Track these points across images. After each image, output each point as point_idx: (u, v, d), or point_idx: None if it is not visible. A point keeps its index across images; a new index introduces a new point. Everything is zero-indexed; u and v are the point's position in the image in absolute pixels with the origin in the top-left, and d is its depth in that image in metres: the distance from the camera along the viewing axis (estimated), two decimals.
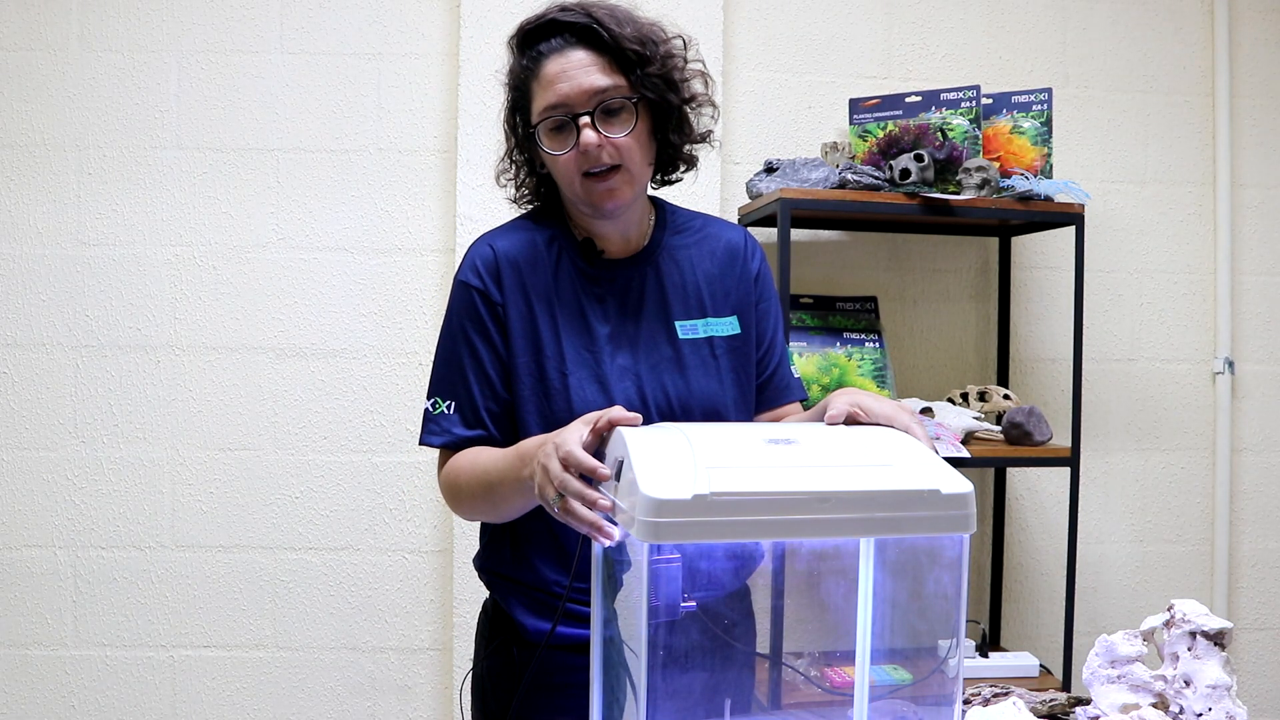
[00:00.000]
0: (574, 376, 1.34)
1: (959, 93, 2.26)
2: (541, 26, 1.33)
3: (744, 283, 1.45)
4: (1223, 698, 1.12)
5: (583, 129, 1.29)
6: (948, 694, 1.06)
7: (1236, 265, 2.61)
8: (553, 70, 1.30)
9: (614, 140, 1.30)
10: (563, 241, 1.40)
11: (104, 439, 2.33)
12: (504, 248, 1.38)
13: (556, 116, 1.30)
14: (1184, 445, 2.61)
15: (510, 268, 1.36)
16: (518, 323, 1.36)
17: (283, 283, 2.35)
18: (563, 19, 1.31)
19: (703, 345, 1.40)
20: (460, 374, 1.37)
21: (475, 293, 1.37)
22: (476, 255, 1.39)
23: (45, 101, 2.32)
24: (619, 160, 1.31)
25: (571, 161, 1.31)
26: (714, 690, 1.25)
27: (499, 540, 1.42)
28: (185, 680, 2.34)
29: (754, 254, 1.47)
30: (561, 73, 1.30)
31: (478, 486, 1.32)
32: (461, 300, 1.38)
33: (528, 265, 1.37)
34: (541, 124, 1.32)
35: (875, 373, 2.28)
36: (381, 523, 2.36)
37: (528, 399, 1.35)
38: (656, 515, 0.90)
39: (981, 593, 2.52)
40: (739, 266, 1.45)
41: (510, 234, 1.41)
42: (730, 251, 1.45)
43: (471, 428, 1.36)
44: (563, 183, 1.35)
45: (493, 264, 1.37)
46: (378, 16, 2.36)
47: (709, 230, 1.47)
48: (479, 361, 1.36)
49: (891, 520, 0.96)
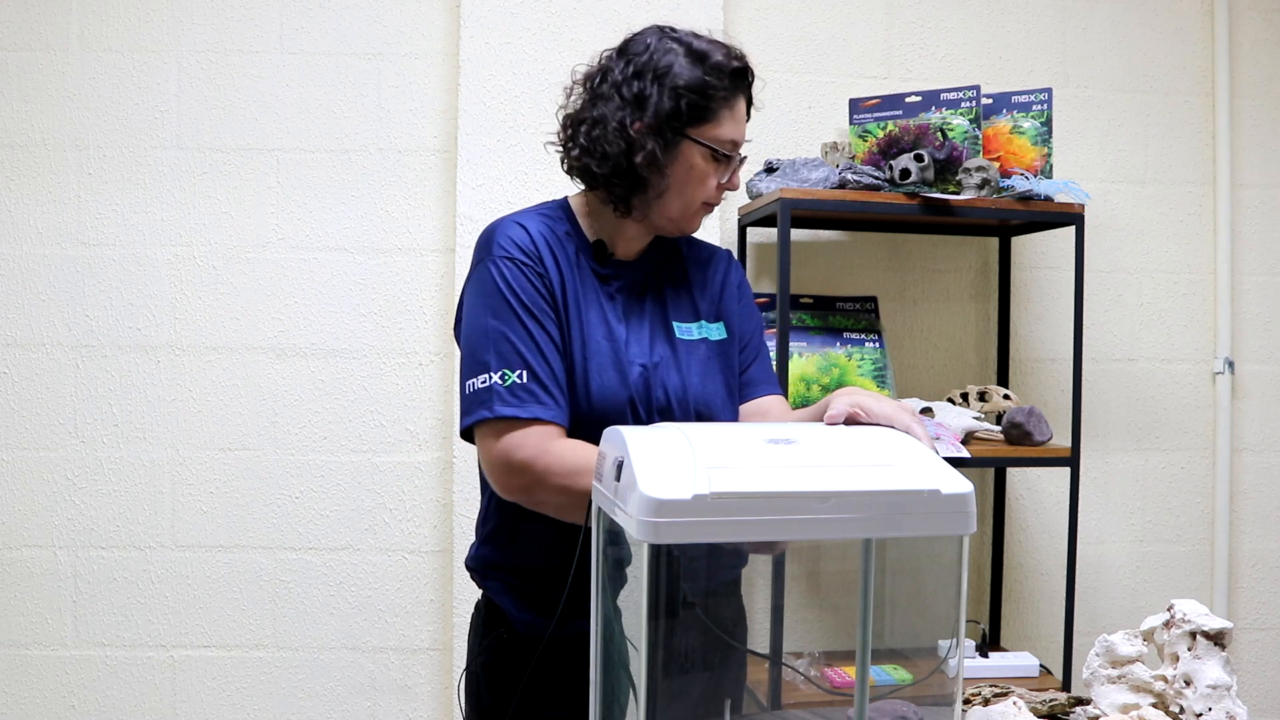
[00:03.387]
0: (594, 361, 1.36)
1: (959, 93, 2.26)
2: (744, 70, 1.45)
3: (728, 292, 1.54)
4: (1223, 698, 1.12)
5: (738, 172, 1.44)
6: (948, 694, 1.06)
7: (1236, 265, 2.61)
8: (740, 111, 1.44)
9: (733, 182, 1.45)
10: (576, 239, 1.44)
11: (104, 439, 2.33)
12: (535, 229, 1.39)
13: (730, 151, 1.41)
14: (1184, 445, 2.61)
15: (546, 247, 1.38)
16: (557, 301, 1.37)
17: (283, 283, 2.35)
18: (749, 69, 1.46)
19: (698, 346, 1.45)
20: (528, 344, 1.32)
21: (524, 266, 1.35)
22: (510, 233, 1.38)
23: (45, 101, 2.32)
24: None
25: (714, 191, 1.43)
26: (707, 687, 1.26)
27: (499, 535, 1.43)
28: (185, 680, 2.34)
29: (735, 268, 1.58)
30: (743, 116, 1.44)
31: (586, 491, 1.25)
32: (509, 273, 1.34)
33: (557, 249, 1.40)
34: (710, 145, 1.40)
35: (875, 373, 2.28)
36: (381, 523, 2.36)
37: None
38: (656, 515, 0.90)
39: (981, 593, 2.52)
40: (721, 277, 1.54)
41: (534, 219, 1.42)
42: (714, 265, 1.55)
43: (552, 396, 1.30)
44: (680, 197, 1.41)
45: (529, 241, 1.38)
46: (378, 16, 2.36)
47: (697, 245, 1.58)
48: (546, 331, 1.33)
49: (891, 520, 0.96)
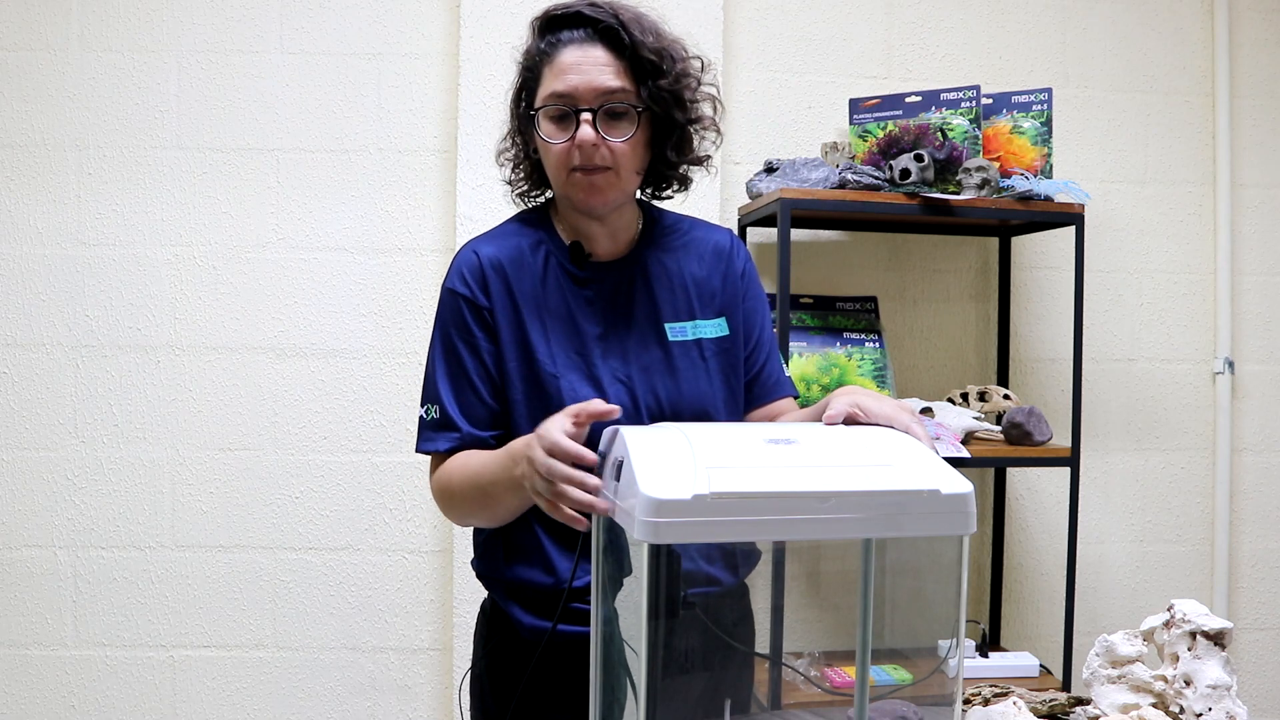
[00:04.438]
0: (565, 379, 1.34)
1: (959, 93, 2.26)
2: (568, 15, 1.34)
3: (730, 282, 1.45)
4: (1223, 698, 1.12)
5: (582, 124, 1.29)
6: (948, 694, 1.06)
7: (1236, 265, 2.61)
8: (568, 60, 1.31)
9: (610, 143, 1.31)
10: (550, 245, 1.40)
11: (104, 439, 2.33)
12: (489, 253, 1.38)
13: (561, 106, 1.31)
14: (1184, 445, 2.61)
15: (496, 273, 1.37)
16: (506, 328, 1.36)
17: (283, 283, 2.35)
18: (589, 13, 1.32)
19: (692, 347, 1.40)
20: (448, 380, 1.37)
21: (462, 300, 1.37)
22: (462, 262, 1.39)
23: (45, 101, 2.32)
24: (610, 163, 1.32)
25: (564, 153, 1.31)
26: (713, 689, 1.26)
27: (491, 549, 1.42)
28: (185, 680, 2.34)
29: (739, 253, 1.48)
30: (576, 64, 1.31)
31: (470, 490, 1.32)
32: (449, 307, 1.39)
33: (514, 269, 1.37)
34: (544, 109, 1.33)
35: (875, 373, 2.28)
36: (381, 523, 2.36)
37: (520, 403, 1.35)
38: (656, 515, 0.90)
39: (981, 593, 2.52)
40: (724, 266, 1.45)
41: (496, 239, 1.41)
42: (716, 253, 1.46)
43: (459, 433, 1.36)
44: (551, 172, 1.36)
45: (478, 270, 1.37)
46: (378, 16, 2.36)
47: (695, 233, 1.47)
48: (464, 369, 1.36)
49: (891, 520, 0.96)
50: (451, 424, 1.36)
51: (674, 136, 1.38)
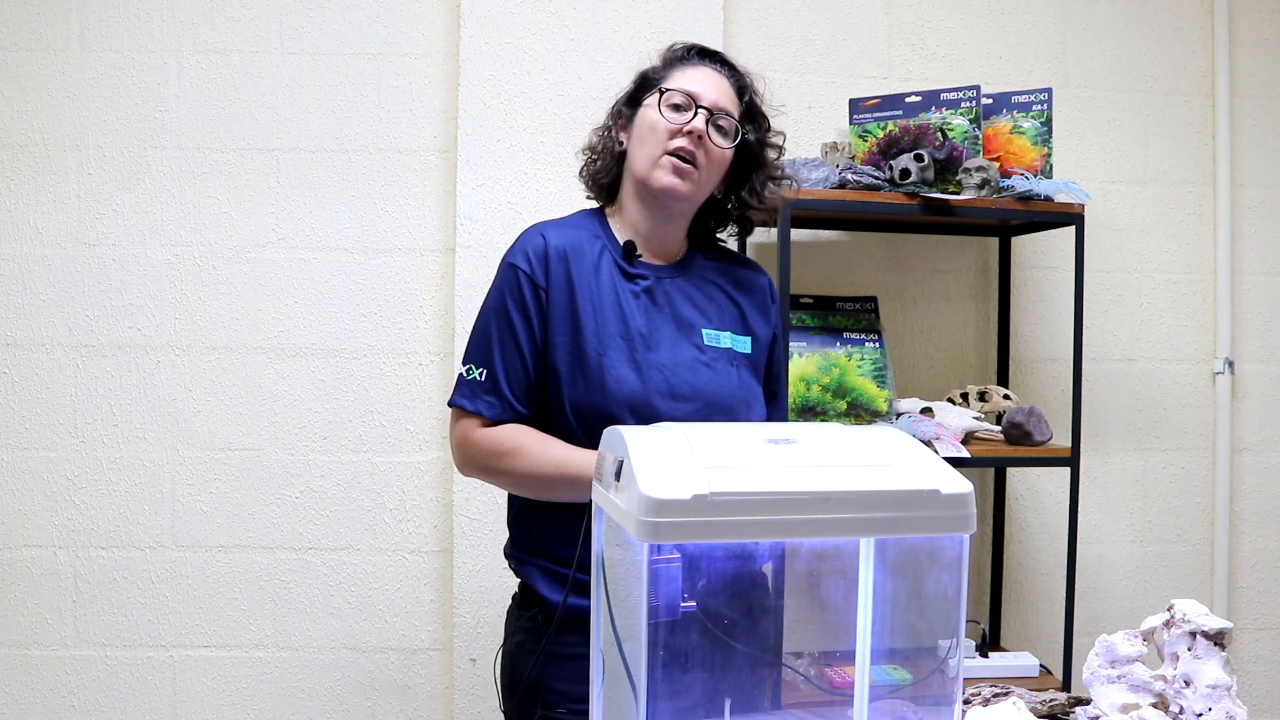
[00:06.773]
0: (609, 358, 1.45)
1: (959, 93, 2.26)
2: (707, 50, 1.56)
3: (766, 320, 1.62)
4: (1223, 698, 1.12)
5: (699, 114, 1.48)
6: (948, 694, 1.06)
7: (1236, 265, 2.61)
8: (698, 74, 1.53)
9: (710, 145, 1.49)
10: (605, 240, 1.55)
11: (104, 439, 2.33)
12: (554, 239, 1.52)
13: (686, 95, 1.49)
14: (1184, 445, 2.61)
15: (558, 257, 1.50)
16: (559, 307, 1.48)
17: (283, 283, 2.35)
18: (723, 56, 1.57)
19: (724, 354, 1.53)
20: (498, 346, 1.49)
21: (522, 275, 1.50)
22: (528, 242, 1.52)
23: (45, 101, 2.32)
24: (701, 162, 1.49)
25: (670, 132, 1.48)
26: (718, 692, 1.26)
27: (526, 522, 1.53)
28: (185, 680, 2.34)
29: (775, 297, 1.66)
30: (705, 78, 1.52)
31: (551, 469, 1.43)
32: (508, 280, 1.51)
33: (574, 257, 1.51)
34: (668, 93, 1.49)
35: (875, 373, 2.28)
36: (381, 523, 2.36)
37: (565, 377, 1.46)
38: (656, 515, 0.90)
39: (981, 593, 2.52)
40: (761, 301, 1.62)
41: (561, 228, 1.55)
42: (756, 288, 1.63)
43: (503, 403, 1.48)
44: (646, 151, 1.49)
45: (542, 252, 1.50)
46: (378, 16, 2.36)
47: (738, 264, 1.65)
48: (515, 339, 1.48)
49: (891, 520, 0.96)
50: (499, 390, 1.48)
51: (748, 181, 1.58)
